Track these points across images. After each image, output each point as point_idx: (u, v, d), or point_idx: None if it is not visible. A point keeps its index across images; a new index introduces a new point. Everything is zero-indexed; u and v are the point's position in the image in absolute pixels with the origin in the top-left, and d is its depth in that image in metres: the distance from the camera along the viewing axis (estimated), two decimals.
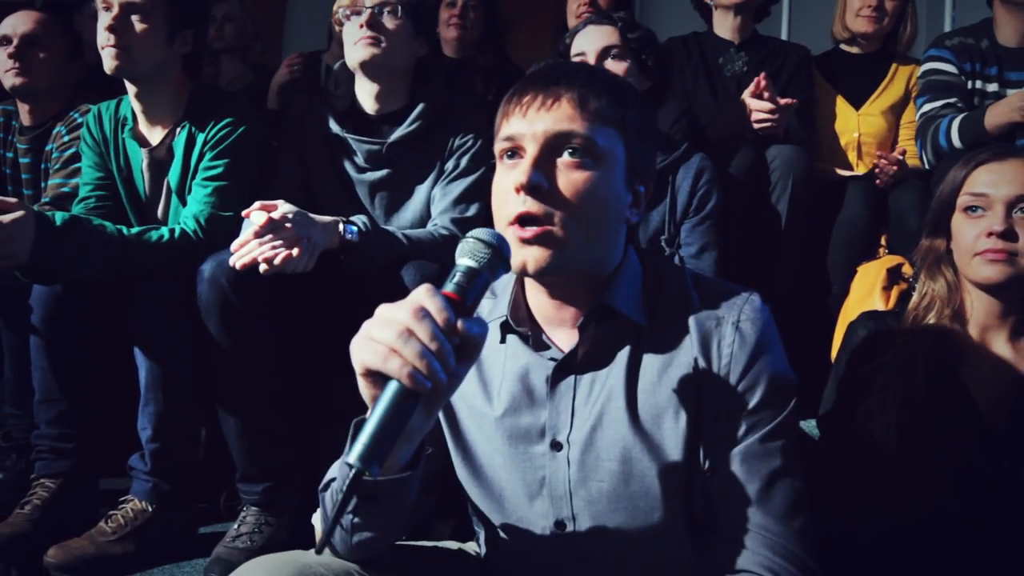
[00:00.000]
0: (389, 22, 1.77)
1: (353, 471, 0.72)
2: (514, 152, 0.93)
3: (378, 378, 0.75)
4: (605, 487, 0.95)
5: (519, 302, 1.00)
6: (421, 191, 1.85)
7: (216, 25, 2.95)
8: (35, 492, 1.73)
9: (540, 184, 0.88)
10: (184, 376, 1.67)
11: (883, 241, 2.02)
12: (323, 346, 1.80)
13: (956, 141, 1.93)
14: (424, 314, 0.74)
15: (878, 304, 1.84)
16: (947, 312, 1.35)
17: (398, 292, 1.56)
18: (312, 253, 1.50)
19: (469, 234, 0.81)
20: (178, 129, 1.80)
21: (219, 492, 1.89)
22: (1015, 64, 2.05)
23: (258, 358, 1.63)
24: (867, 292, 1.88)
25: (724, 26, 2.32)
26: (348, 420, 1.99)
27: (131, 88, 1.80)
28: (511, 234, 0.89)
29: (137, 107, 1.82)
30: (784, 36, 3.36)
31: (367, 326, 0.77)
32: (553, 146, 0.90)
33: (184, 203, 1.80)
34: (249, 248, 1.45)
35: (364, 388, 0.78)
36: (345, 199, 1.85)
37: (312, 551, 1.03)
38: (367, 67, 1.78)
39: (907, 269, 1.88)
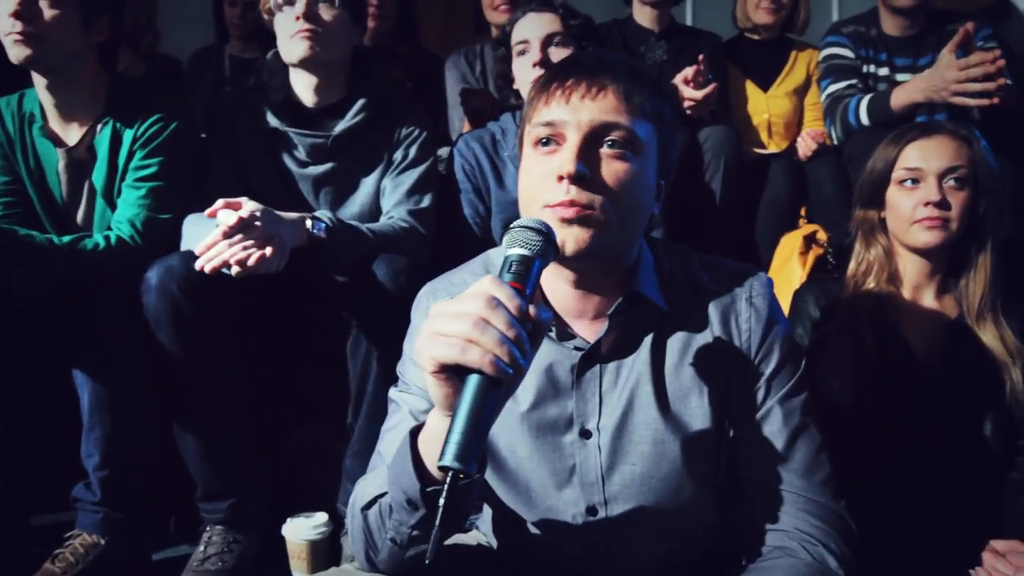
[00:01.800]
0: (326, 13, 1.70)
1: (451, 473, 0.70)
2: (550, 138, 0.93)
3: (451, 374, 0.74)
4: (638, 470, 0.98)
5: (537, 292, 1.00)
6: (368, 183, 1.80)
7: None
8: None
9: (585, 174, 0.89)
10: (133, 395, 1.54)
11: (803, 212, 2.19)
12: (284, 347, 1.73)
13: (864, 119, 2.13)
14: (497, 303, 0.74)
15: (796, 270, 2.01)
16: (884, 275, 1.50)
17: (368, 288, 1.53)
18: (284, 252, 1.42)
19: (515, 224, 0.81)
20: (99, 126, 1.65)
21: (167, 514, 1.76)
22: (900, 51, 2.28)
23: (215, 367, 1.53)
24: (786, 258, 2.04)
25: (643, 15, 2.41)
26: (313, 422, 1.93)
27: (40, 81, 1.63)
28: (548, 215, 0.89)
29: (48, 102, 1.65)
30: (689, 19, 3.54)
31: (431, 324, 0.76)
32: (596, 135, 0.91)
33: (112, 206, 1.66)
34: (218, 250, 1.36)
35: (436, 387, 0.76)
36: (285, 194, 1.76)
37: (349, 566, 1.00)
38: (306, 63, 1.71)
39: (821, 235, 2.06)
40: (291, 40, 1.68)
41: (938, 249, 1.45)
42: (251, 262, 1.36)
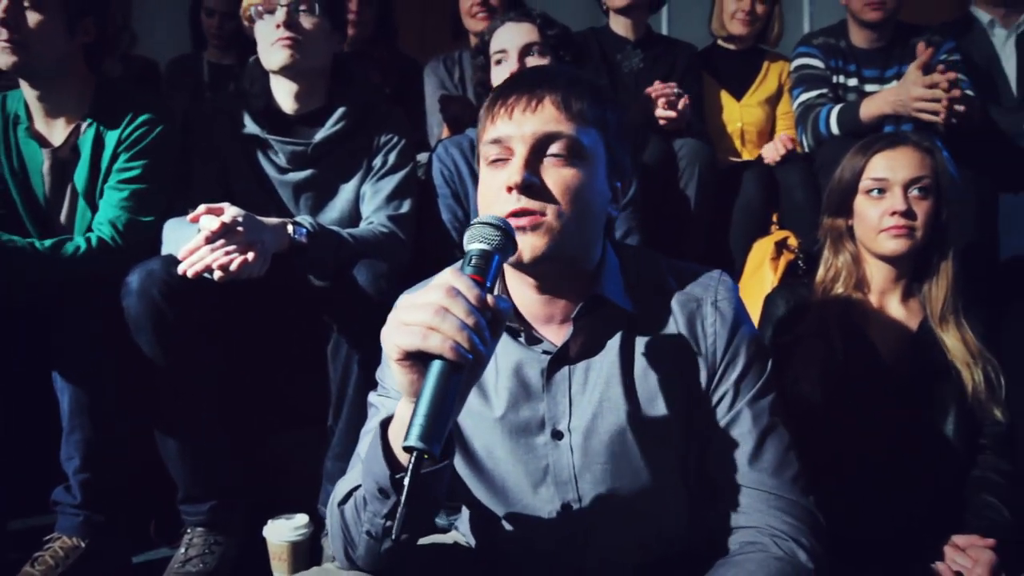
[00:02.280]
0: (306, 21, 1.71)
1: (414, 454, 0.73)
2: (501, 154, 0.97)
3: (416, 361, 0.78)
4: (609, 468, 1.02)
5: (504, 293, 1.03)
6: (347, 190, 1.82)
7: None
8: None
9: (532, 182, 0.93)
10: (113, 398, 1.55)
11: (775, 219, 2.25)
12: (265, 351, 1.74)
13: (834, 128, 2.20)
14: (456, 292, 0.78)
15: (768, 275, 2.06)
16: (851, 281, 1.56)
17: (349, 293, 1.55)
18: (266, 257, 1.44)
19: (475, 221, 0.85)
20: (84, 126, 1.65)
21: (147, 516, 1.77)
22: (868, 63, 2.36)
23: (196, 370, 1.55)
24: (758, 264, 2.10)
25: (620, 23, 2.46)
26: (293, 425, 1.94)
27: (26, 83, 1.63)
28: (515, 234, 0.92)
29: (34, 104, 1.65)
30: (665, 28, 3.60)
31: (395, 314, 0.80)
32: (540, 146, 0.95)
33: (93, 207, 1.66)
34: (201, 255, 1.38)
35: (401, 374, 0.80)
36: (266, 200, 1.78)
37: (330, 565, 1.03)
38: (287, 71, 1.72)
39: (792, 241, 2.11)
40: (271, 48, 1.69)
41: (904, 256, 1.50)
42: (233, 267, 1.37)
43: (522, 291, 1.02)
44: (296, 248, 1.53)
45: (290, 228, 1.53)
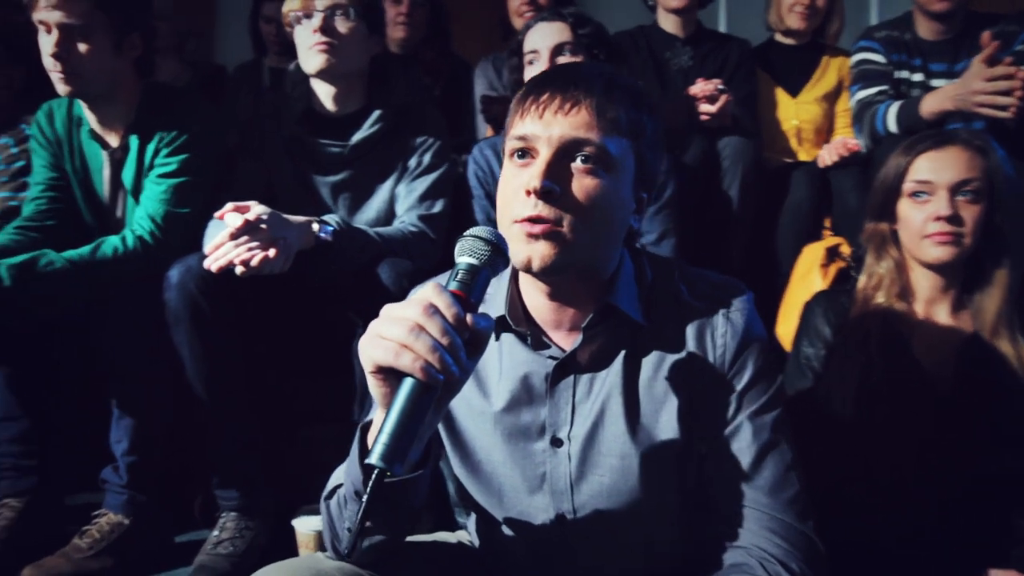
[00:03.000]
0: (342, 26, 1.76)
1: (376, 472, 0.73)
2: (525, 152, 0.93)
3: (389, 376, 0.77)
4: (606, 481, 0.99)
5: (515, 302, 1.02)
6: (384, 189, 1.85)
7: None
8: (1, 513, 1.68)
9: (552, 190, 0.89)
10: (158, 385, 1.64)
11: (827, 224, 2.15)
12: (296, 346, 1.81)
13: (892, 126, 2.07)
14: (434, 310, 0.76)
15: (817, 281, 1.97)
16: (895, 290, 1.47)
17: (373, 290, 1.58)
18: (288, 253, 1.49)
19: (467, 233, 0.83)
20: (132, 129, 1.75)
21: (192, 499, 1.86)
22: (935, 56, 2.21)
23: (231, 362, 1.61)
24: (807, 270, 2.01)
25: (669, 21, 2.41)
26: (323, 420, 1.99)
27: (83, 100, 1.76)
28: (517, 230, 0.91)
29: (89, 114, 1.77)
30: (723, 25, 3.49)
31: (375, 325, 0.78)
32: (566, 151, 0.91)
33: (139, 201, 1.77)
34: (225, 250, 1.44)
35: (375, 386, 0.79)
36: (307, 199, 1.84)
37: (324, 555, 1.05)
38: (323, 74, 1.78)
39: (845, 249, 2.01)
40: (309, 52, 1.75)
41: (950, 264, 1.41)
42: (254, 262, 1.43)
43: (533, 295, 1.01)
44: (321, 245, 1.58)
45: (315, 226, 1.57)
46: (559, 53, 1.80)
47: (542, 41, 1.82)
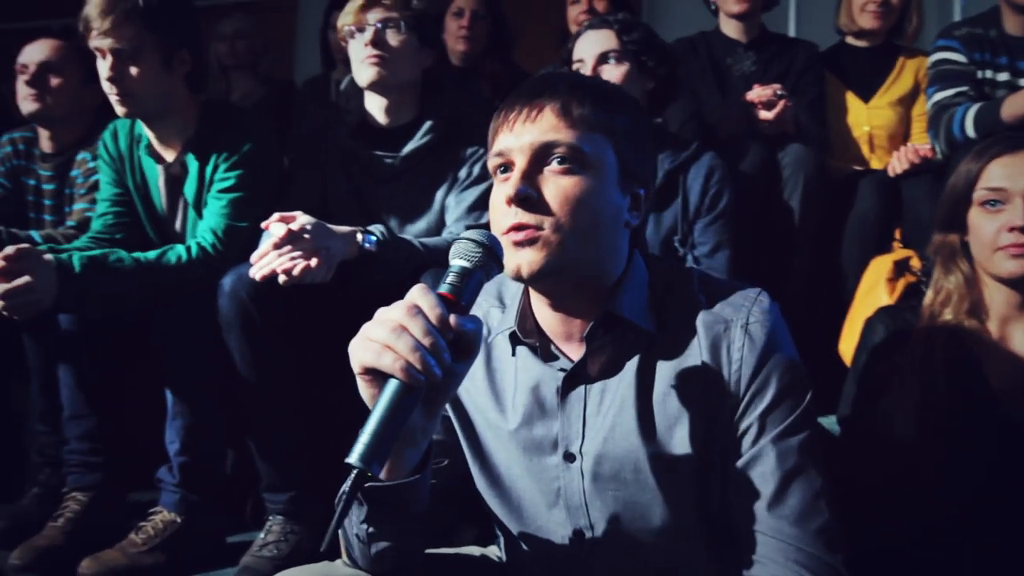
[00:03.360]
0: (393, 39, 1.78)
1: (355, 471, 0.73)
2: (506, 167, 0.94)
3: (376, 377, 0.77)
4: (621, 496, 0.96)
5: (526, 313, 1.01)
6: (435, 200, 1.86)
7: (227, 42, 3.00)
8: (67, 505, 1.77)
9: (529, 195, 0.90)
10: (210, 390, 1.70)
11: (897, 235, 2.01)
12: (342, 354, 1.83)
13: (971, 131, 1.92)
14: (417, 311, 0.76)
15: (883, 296, 1.85)
16: (964, 306, 1.36)
17: None
18: (331, 263, 1.52)
19: (461, 235, 0.84)
20: (191, 145, 1.83)
21: (245, 501, 1.92)
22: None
23: (279, 369, 1.65)
24: (873, 284, 1.89)
25: (731, 25, 2.33)
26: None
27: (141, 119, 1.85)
28: (506, 242, 0.91)
29: (149, 133, 1.85)
30: (792, 29, 3.36)
31: (364, 327, 0.79)
32: (540, 156, 0.92)
33: (201, 216, 1.84)
34: (268, 259, 1.48)
35: (363, 388, 0.80)
36: (360, 211, 1.87)
37: (339, 561, 1.06)
38: (375, 87, 1.81)
39: (915, 263, 1.88)
40: (361, 65, 1.79)
41: None
42: (296, 272, 1.46)
43: (540, 307, 1.00)
44: (366, 255, 1.59)
45: (360, 236, 1.60)
46: (603, 62, 1.77)
47: (587, 50, 1.80)
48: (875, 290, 1.83)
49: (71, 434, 1.81)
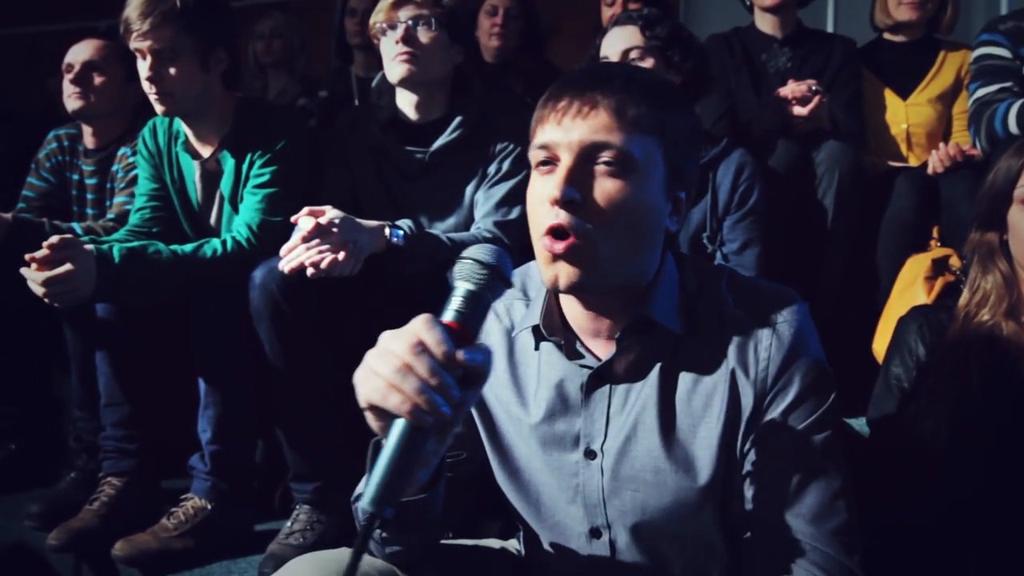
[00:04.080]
0: (424, 36, 1.80)
1: (366, 516, 0.71)
2: (547, 160, 0.91)
3: (381, 412, 0.74)
4: (639, 497, 0.95)
5: (552, 310, 0.99)
6: (464, 196, 1.88)
7: (264, 40, 3.05)
8: (103, 490, 1.82)
9: (575, 199, 0.86)
10: (242, 381, 1.73)
11: (935, 234, 1.96)
12: (369, 346, 1.85)
13: (1013, 127, 1.87)
14: (421, 349, 0.72)
15: (920, 294, 1.81)
16: (1002, 307, 1.32)
17: (444, 293, 1.59)
18: (358, 257, 1.54)
19: (464, 254, 0.79)
20: (227, 142, 1.87)
21: (274, 491, 1.95)
22: None
23: (308, 361, 1.67)
24: (910, 282, 1.85)
25: (766, 21, 2.30)
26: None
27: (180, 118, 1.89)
28: (541, 247, 0.89)
29: (187, 130, 1.90)
30: (830, 25, 3.29)
31: (369, 356, 0.76)
32: (587, 155, 0.88)
33: (237, 211, 1.88)
34: (297, 252, 1.51)
35: (370, 420, 0.77)
36: (390, 206, 1.89)
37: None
38: (406, 83, 1.83)
39: (954, 262, 1.83)
40: (392, 62, 1.81)
41: None
42: (323, 265, 1.48)
43: (570, 304, 0.98)
44: (392, 249, 1.61)
45: (387, 231, 1.61)
46: (626, 58, 1.76)
47: (612, 47, 1.80)
48: (912, 288, 1.79)
49: (107, 421, 1.86)
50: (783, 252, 1.87)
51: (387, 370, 0.72)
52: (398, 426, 0.72)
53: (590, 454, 0.98)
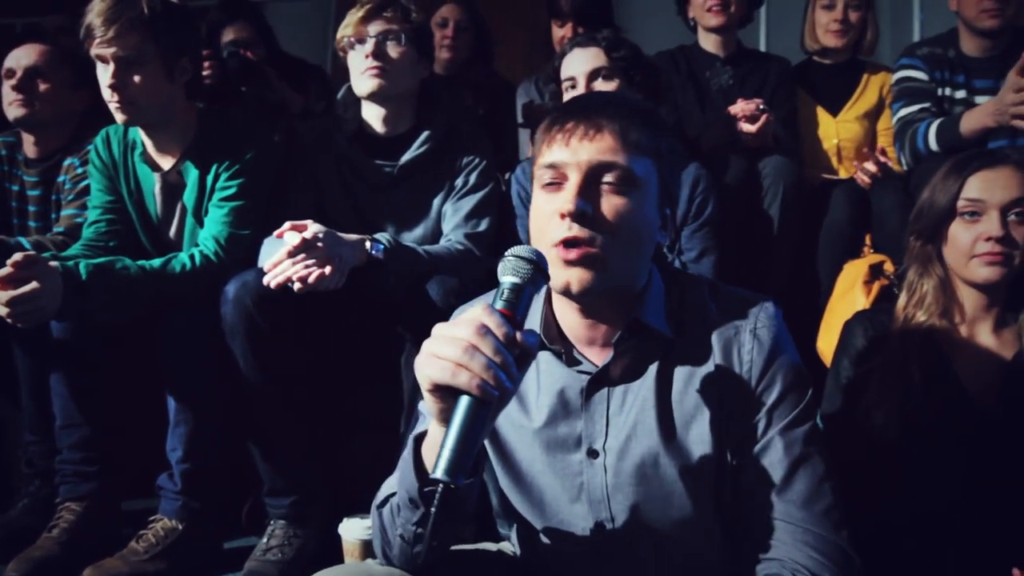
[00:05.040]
0: (393, 51, 1.82)
1: (442, 486, 0.78)
2: (555, 179, 0.99)
3: (445, 393, 0.82)
4: (641, 490, 1.03)
5: (549, 321, 1.07)
6: (432, 208, 1.90)
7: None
8: (61, 516, 1.75)
9: (586, 211, 0.95)
10: (213, 396, 1.70)
11: (868, 241, 2.14)
12: (345, 359, 1.86)
13: (933, 144, 2.07)
14: (486, 330, 0.81)
15: (859, 299, 1.96)
16: (937, 308, 1.45)
17: (422, 306, 1.63)
18: (343, 271, 1.55)
19: (508, 253, 0.88)
20: (190, 153, 1.83)
21: (240, 506, 1.92)
22: (980, 73, 2.20)
23: (283, 376, 1.67)
24: (849, 287, 2.00)
25: (709, 40, 2.43)
26: (370, 430, 2.03)
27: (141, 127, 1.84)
28: (554, 255, 0.96)
29: (147, 140, 1.85)
30: (763, 44, 3.50)
31: (429, 345, 0.83)
32: (595, 174, 0.97)
33: (200, 223, 1.84)
34: (283, 267, 1.51)
35: (431, 403, 0.84)
36: (357, 218, 1.90)
37: (375, 561, 1.09)
38: (375, 97, 1.84)
39: (888, 267, 2.00)
40: (361, 76, 1.82)
41: (998, 284, 1.40)
42: (311, 279, 1.49)
43: (566, 313, 1.06)
44: (373, 263, 1.63)
45: (368, 244, 1.63)
46: (595, 78, 1.84)
47: (578, 67, 1.87)
48: (851, 292, 1.94)
49: (64, 443, 1.79)
50: (734, 259, 1.99)
51: (454, 352, 0.80)
52: (464, 402, 0.80)
53: (593, 453, 1.05)
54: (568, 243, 0.95)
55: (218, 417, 1.73)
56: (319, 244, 1.53)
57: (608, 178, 0.97)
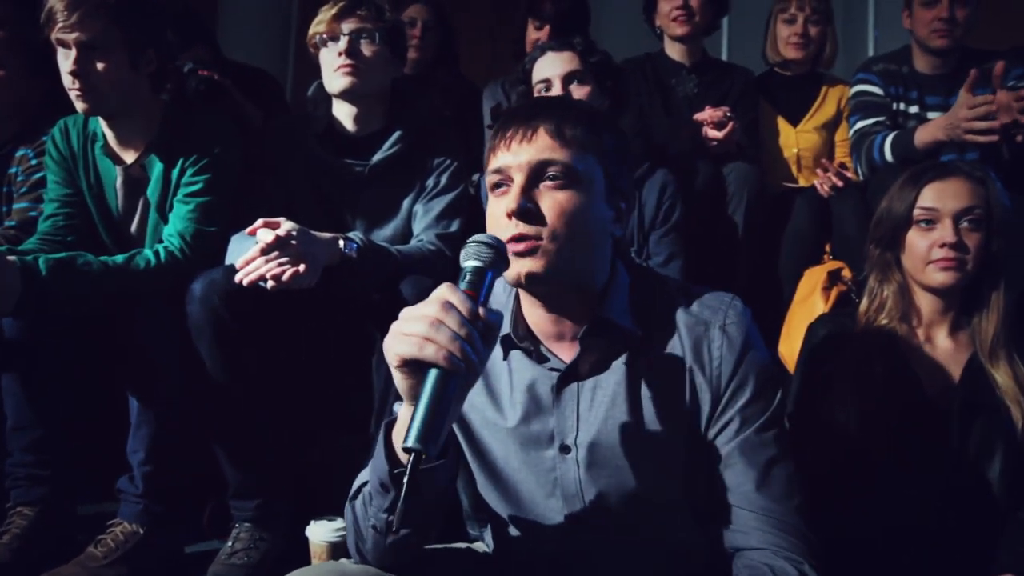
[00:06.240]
0: (366, 49, 1.81)
1: (412, 453, 0.80)
2: (501, 183, 1.03)
3: (414, 368, 0.84)
4: (613, 482, 1.05)
5: (518, 319, 1.09)
6: (401, 209, 1.89)
7: None
8: (12, 521, 1.68)
9: (528, 208, 0.99)
10: (175, 398, 1.66)
11: (827, 248, 2.22)
12: (315, 359, 1.83)
13: (888, 156, 2.16)
14: (450, 306, 0.85)
15: (819, 303, 2.03)
16: (897, 313, 1.52)
17: (396, 307, 1.61)
18: (316, 269, 1.53)
19: (470, 240, 0.92)
20: (154, 147, 1.78)
21: (201, 509, 1.87)
22: (931, 90, 2.31)
23: (250, 375, 1.64)
24: (809, 293, 2.07)
25: (675, 49, 2.49)
26: (338, 431, 2.01)
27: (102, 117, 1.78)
28: (507, 252, 0.97)
29: (107, 130, 1.79)
30: (724, 53, 3.60)
31: (396, 325, 0.87)
32: (536, 173, 1.00)
33: (164, 219, 1.79)
34: (256, 265, 1.48)
35: (400, 380, 0.87)
36: (327, 217, 1.87)
37: (348, 561, 1.09)
38: (347, 95, 1.83)
39: (846, 273, 2.08)
40: (334, 74, 1.80)
41: (953, 289, 1.46)
42: (285, 277, 1.47)
43: (533, 311, 1.08)
44: (346, 262, 1.61)
45: (341, 243, 1.61)
46: (571, 81, 1.86)
47: (553, 70, 1.88)
48: (811, 298, 2.01)
49: (15, 446, 1.71)
50: (698, 263, 2.04)
51: (421, 327, 0.83)
52: (432, 375, 0.83)
53: (565, 449, 1.07)
54: (515, 239, 0.98)
55: (182, 419, 1.68)
56: (293, 242, 1.50)
57: (549, 175, 1.00)
